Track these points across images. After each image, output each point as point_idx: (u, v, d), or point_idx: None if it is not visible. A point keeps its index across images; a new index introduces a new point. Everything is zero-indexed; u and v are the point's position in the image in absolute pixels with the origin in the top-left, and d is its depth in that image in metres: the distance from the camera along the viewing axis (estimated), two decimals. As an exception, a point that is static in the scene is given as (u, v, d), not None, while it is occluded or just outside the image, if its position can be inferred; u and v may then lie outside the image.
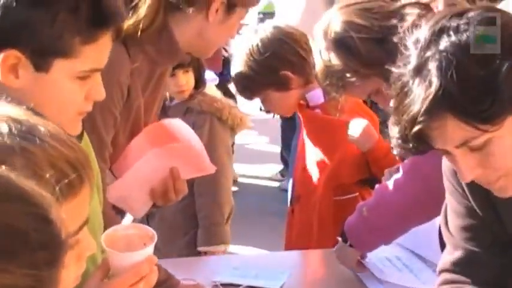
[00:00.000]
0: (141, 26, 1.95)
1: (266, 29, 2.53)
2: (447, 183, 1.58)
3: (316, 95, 2.38)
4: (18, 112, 1.11)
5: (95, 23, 1.45)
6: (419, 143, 1.43)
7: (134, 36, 1.94)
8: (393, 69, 1.44)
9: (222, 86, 5.37)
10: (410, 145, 1.44)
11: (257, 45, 2.41)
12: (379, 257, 2.28)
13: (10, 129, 1.06)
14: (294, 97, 2.35)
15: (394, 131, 1.47)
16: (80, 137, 1.46)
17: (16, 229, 0.78)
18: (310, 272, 2.30)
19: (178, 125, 2.05)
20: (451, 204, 1.70)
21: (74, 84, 1.48)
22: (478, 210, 1.62)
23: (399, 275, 2.24)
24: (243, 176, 5.84)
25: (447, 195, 1.68)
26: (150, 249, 1.46)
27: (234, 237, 3.05)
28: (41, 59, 1.44)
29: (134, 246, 1.47)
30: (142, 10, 1.96)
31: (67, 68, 1.45)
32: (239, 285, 2.11)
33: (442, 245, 2.05)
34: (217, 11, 1.98)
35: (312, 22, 3.89)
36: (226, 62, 5.31)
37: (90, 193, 1.18)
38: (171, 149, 2.03)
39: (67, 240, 0.84)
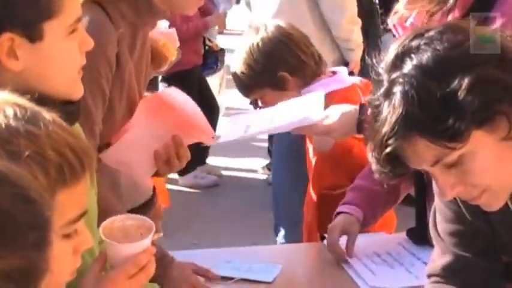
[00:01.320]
0: None
1: (268, 28, 2.53)
2: (436, 188, 1.59)
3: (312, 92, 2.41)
4: (23, 100, 1.13)
5: None
6: (394, 165, 1.45)
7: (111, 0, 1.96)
8: (368, 96, 1.48)
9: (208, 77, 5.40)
10: (388, 169, 1.47)
11: (257, 44, 2.44)
12: (368, 252, 2.26)
13: (15, 113, 1.08)
14: (290, 97, 2.37)
15: (370, 156, 1.48)
16: (72, 123, 1.45)
17: (2, 211, 0.78)
18: (301, 265, 2.30)
19: (174, 94, 2.05)
20: (440, 208, 1.71)
21: (68, 40, 1.48)
22: (467, 216, 1.63)
23: (391, 272, 2.20)
24: (228, 169, 5.82)
25: (436, 199, 1.69)
26: (148, 240, 1.46)
27: (225, 232, 3.07)
28: (32, 29, 1.44)
29: (132, 237, 1.48)
30: None
31: (58, 27, 1.46)
32: (232, 278, 2.12)
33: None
34: None
35: (290, 13, 3.86)
36: (209, 52, 5.28)
37: (89, 183, 1.21)
38: (168, 118, 2.04)
39: (51, 219, 0.84)
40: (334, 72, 2.72)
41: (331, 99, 2.48)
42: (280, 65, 2.54)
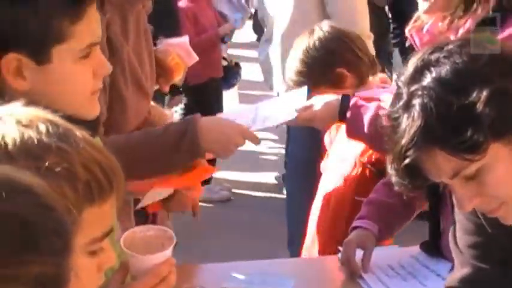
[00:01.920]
0: None
1: (323, 28, 2.58)
2: (455, 200, 1.59)
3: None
4: (55, 116, 1.14)
5: (76, 1, 1.45)
6: (413, 177, 1.47)
7: None
8: (387, 109, 1.50)
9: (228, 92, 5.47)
10: (407, 181, 1.48)
11: (314, 43, 2.48)
12: (381, 265, 2.25)
13: (48, 130, 1.09)
14: None
15: (389, 168, 1.50)
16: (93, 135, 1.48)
17: (29, 220, 0.80)
18: (315, 279, 2.30)
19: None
20: (460, 220, 1.71)
21: (78, 65, 1.47)
22: (487, 227, 1.62)
23: (405, 285, 2.21)
24: (240, 182, 5.79)
25: (456, 211, 1.69)
26: (169, 251, 1.48)
27: (237, 245, 3.06)
28: (39, 52, 1.44)
29: (153, 248, 1.49)
30: None
31: (66, 51, 1.45)
32: None
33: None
34: None
35: (302, 23, 3.92)
36: (228, 69, 5.34)
37: (116, 203, 1.21)
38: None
39: (73, 228, 0.85)
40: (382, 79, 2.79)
41: None
42: (338, 61, 2.56)
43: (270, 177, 5.76)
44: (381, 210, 2.31)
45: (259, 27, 5.96)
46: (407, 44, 2.47)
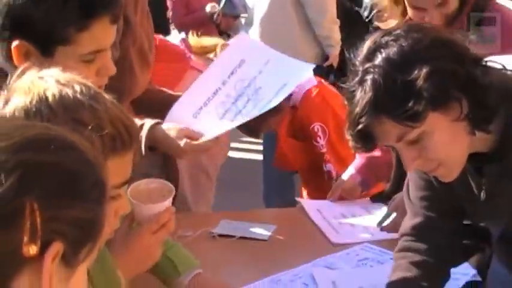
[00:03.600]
0: None
1: None
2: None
3: None
4: (87, 81, 1.23)
5: (85, 12, 1.48)
6: (365, 141, 1.57)
7: None
8: (346, 83, 1.59)
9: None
10: (360, 144, 1.59)
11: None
12: (336, 215, 2.44)
13: (81, 90, 1.18)
14: None
15: (347, 133, 1.60)
16: None
17: (75, 172, 0.83)
18: (290, 226, 2.42)
19: None
20: (413, 178, 1.83)
21: (81, 65, 1.49)
22: (435, 184, 1.75)
23: (351, 230, 2.38)
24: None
25: (409, 172, 1.81)
26: (168, 202, 1.55)
27: (221, 200, 3.25)
28: (44, 47, 1.48)
29: (155, 199, 1.56)
30: None
31: (69, 53, 1.48)
32: (233, 236, 2.26)
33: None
34: None
35: (278, 7, 3.93)
36: None
37: (131, 161, 1.28)
38: None
39: (108, 183, 0.89)
40: None
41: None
42: None
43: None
44: (367, 162, 2.50)
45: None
46: None
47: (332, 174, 2.81)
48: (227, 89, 2.22)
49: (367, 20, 4.46)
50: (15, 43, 1.45)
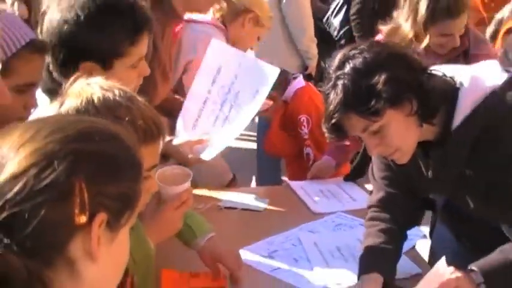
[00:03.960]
0: None
1: None
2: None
3: None
4: (124, 87, 1.28)
5: (135, 31, 1.59)
6: (337, 132, 1.60)
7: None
8: (323, 87, 1.62)
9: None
10: (334, 135, 1.62)
11: None
12: (316, 191, 2.54)
13: (120, 93, 1.24)
14: None
15: (323, 127, 1.63)
16: None
17: (117, 156, 0.84)
18: (280, 200, 2.49)
19: None
20: (376, 162, 1.87)
21: (129, 71, 1.60)
22: (393, 166, 1.79)
23: (328, 203, 2.45)
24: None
25: (373, 157, 1.86)
26: (188, 184, 1.59)
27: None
28: (106, 62, 1.57)
29: (177, 181, 1.58)
30: None
31: (123, 63, 1.58)
32: (236, 208, 2.35)
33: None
34: None
35: (268, 31, 3.78)
36: None
37: (159, 150, 1.31)
38: None
39: (142, 165, 0.89)
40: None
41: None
42: None
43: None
44: (338, 148, 2.67)
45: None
46: None
47: (310, 157, 2.94)
48: (213, 97, 2.21)
49: (336, 39, 4.62)
50: (82, 64, 1.53)
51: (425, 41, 2.43)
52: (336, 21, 4.68)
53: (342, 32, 4.64)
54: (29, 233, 0.74)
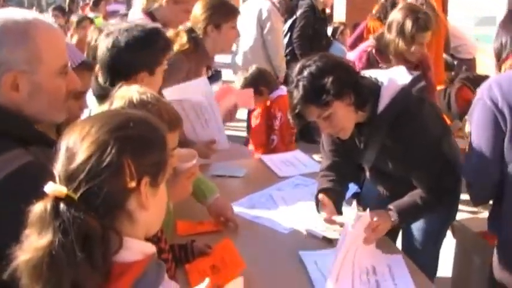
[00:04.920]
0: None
1: None
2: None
3: None
4: (152, 91, 1.34)
5: (164, 53, 1.69)
6: (299, 119, 1.66)
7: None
8: (288, 87, 1.64)
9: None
10: (297, 122, 1.67)
11: None
12: (279, 160, 2.51)
13: (151, 95, 1.31)
14: None
15: (289, 116, 1.68)
16: None
17: (152, 137, 0.87)
18: (255, 169, 2.55)
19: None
20: (325, 138, 1.93)
21: (160, 76, 1.68)
22: (337, 140, 1.86)
23: (289, 168, 2.45)
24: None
25: (323, 135, 1.90)
26: (195, 161, 1.61)
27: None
28: (152, 69, 1.65)
29: (187, 159, 1.61)
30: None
31: (161, 69, 1.69)
32: (224, 176, 2.43)
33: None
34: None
35: (250, 51, 4.45)
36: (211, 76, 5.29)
37: (178, 137, 1.37)
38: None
39: (167, 138, 0.90)
40: None
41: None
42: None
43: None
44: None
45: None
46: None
47: (274, 142, 3.10)
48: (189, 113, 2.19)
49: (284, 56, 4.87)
50: (140, 74, 1.63)
51: (400, 49, 2.72)
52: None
53: (287, 50, 5.04)
54: (100, 201, 0.80)
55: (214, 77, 5.97)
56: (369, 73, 1.74)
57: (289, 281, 1.58)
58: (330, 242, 1.76)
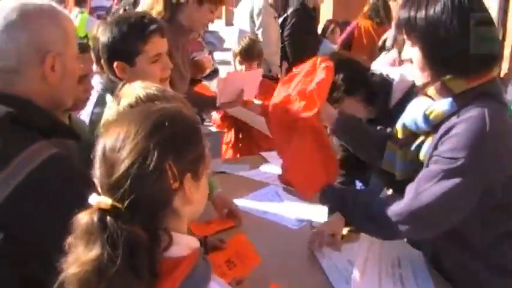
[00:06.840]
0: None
1: None
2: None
3: None
4: (156, 84, 1.30)
5: (144, 33, 1.60)
6: None
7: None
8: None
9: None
10: None
11: None
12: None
13: (156, 88, 1.27)
14: None
15: None
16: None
17: (186, 131, 0.88)
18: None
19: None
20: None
21: (151, 66, 1.62)
22: None
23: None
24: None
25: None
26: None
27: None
28: (129, 61, 1.61)
29: None
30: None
31: (142, 59, 1.62)
32: (225, 172, 2.44)
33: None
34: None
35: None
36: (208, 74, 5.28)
37: None
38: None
39: (200, 129, 0.90)
40: None
41: None
42: None
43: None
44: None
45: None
46: None
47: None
48: None
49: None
50: (115, 64, 1.61)
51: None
52: None
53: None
54: (146, 206, 0.81)
55: (212, 74, 5.82)
56: (380, 70, 1.78)
57: (305, 275, 1.60)
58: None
